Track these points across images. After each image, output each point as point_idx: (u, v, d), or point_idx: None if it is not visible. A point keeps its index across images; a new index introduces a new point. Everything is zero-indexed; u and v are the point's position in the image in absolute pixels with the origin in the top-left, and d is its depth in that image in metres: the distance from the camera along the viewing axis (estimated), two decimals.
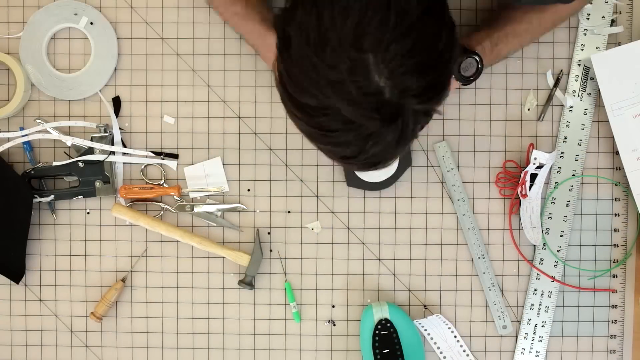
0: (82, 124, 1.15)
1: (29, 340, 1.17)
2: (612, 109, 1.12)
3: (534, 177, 1.12)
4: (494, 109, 1.16)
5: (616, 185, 1.16)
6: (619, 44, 1.14)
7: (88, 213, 1.17)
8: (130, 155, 1.15)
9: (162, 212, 1.16)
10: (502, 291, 1.16)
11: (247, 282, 1.14)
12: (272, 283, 1.17)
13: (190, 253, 1.17)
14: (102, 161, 1.14)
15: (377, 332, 1.10)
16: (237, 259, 1.14)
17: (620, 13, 1.15)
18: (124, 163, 1.15)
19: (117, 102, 1.15)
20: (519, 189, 1.13)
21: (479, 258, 1.15)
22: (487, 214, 1.16)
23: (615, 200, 1.16)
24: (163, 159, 1.16)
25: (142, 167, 1.16)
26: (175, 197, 1.15)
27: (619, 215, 1.16)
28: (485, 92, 1.16)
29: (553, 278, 1.15)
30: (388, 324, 1.10)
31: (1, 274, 1.13)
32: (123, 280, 1.16)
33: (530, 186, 1.12)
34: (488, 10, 1.15)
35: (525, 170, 1.12)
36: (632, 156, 1.11)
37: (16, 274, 1.15)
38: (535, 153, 1.10)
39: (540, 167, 1.11)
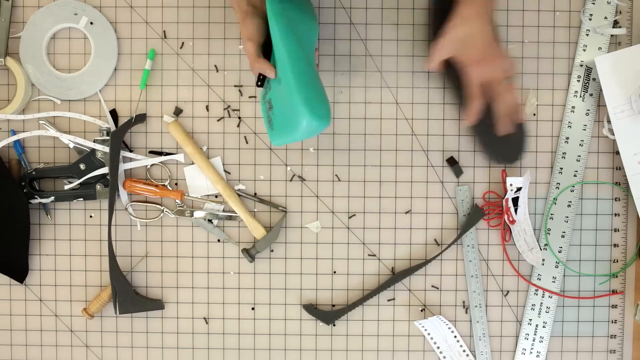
0: (85, 118, 1.15)
1: (29, 340, 1.18)
2: (615, 112, 1.11)
3: (515, 200, 1.12)
4: None
5: (616, 185, 1.16)
6: (619, 44, 1.14)
7: (91, 217, 1.16)
8: (131, 160, 1.15)
9: (161, 215, 1.16)
10: (502, 291, 1.16)
11: (251, 255, 1.15)
12: (272, 283, 1.17)
13: (190, 253, 1.17)
14: (104, 165, 1.14)
15: None
16: (253, 229, 1.14)
17: (620, 13, 1.14)
18: (125, 162, 1.16)
19: (113, 115, 1.15)
20: (506, 217, 1.13)
21: (471, 260, 1.16)
22: (487, 214, 1.16)
23: (615, 200, 1.16)
24: (165, 155, 1.16)
25: (148, 166, 1.16)
26: (177, 201, 1.15)
27: (619, 215, 1.16)
28: None
29: (553, 292, 1.15)
30: None
31: (5, 274, 1.13)
32: None
33: (516, 209, 1.12)
34: None
35: (506, 197, 1.11)
36: (633, 160, 1.11)
37: (19, 273, 1.15)
38: (509, 180, 1.10)
39: (519, 189, 1.11)
